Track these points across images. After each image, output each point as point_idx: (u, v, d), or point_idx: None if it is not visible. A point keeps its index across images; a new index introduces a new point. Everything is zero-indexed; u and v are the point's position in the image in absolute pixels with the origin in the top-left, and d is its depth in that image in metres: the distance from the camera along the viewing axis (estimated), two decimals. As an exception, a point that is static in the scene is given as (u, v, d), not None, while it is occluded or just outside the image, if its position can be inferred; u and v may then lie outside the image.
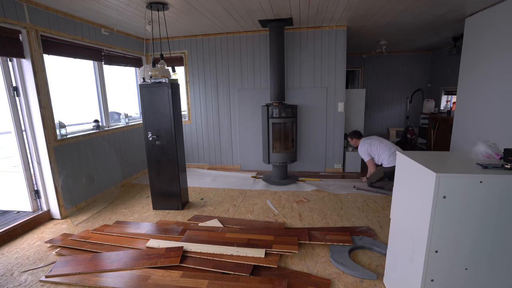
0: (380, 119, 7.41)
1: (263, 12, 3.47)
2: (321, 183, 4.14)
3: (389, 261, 1.91)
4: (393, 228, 1.84)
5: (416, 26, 4.28)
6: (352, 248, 2.37)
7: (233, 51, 4.66)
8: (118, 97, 4.52)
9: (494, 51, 3.27)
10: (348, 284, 1.97)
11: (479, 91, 3.54)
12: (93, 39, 3.65)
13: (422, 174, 1.40)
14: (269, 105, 4.10)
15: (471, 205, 1.30)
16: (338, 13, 3.59)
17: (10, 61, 2.82)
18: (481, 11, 3.49)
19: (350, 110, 5.03)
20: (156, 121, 3.17)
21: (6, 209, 3.22)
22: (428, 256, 1.37)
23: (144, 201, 3.65)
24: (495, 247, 1.33)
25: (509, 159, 1.34)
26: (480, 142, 1.55)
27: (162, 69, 3.15)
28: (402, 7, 3.34)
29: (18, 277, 2.15)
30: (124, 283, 2.01)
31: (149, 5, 3.02)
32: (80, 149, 3.47)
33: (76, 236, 2.69)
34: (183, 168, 3.42)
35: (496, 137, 3.15)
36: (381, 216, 3.03)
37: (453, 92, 6.01)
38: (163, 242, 2.49)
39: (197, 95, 4.96)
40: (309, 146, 4.70)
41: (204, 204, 3.52)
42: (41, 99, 2.92)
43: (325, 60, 4.41)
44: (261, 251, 2.28)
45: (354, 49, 6.55)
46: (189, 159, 5.19)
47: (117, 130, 4.20)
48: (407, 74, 7.06)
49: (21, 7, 2.72)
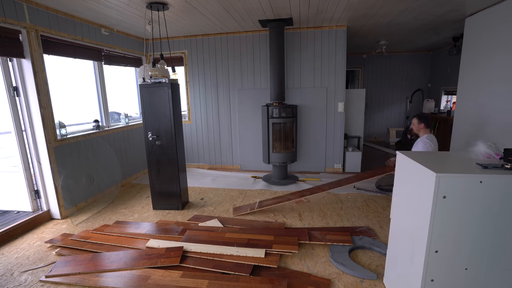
0: (380, 119, 7.41)
1: (263, 12, 3.47)
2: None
3: (389, 261, 1.91)
4: (393, 228, 1.84)
5: (416, 26, 4.28)
6: (352, 248, 2.37)
7: (233, 51, 4.66)
8: (118, 97, 4.52)
9: (494, 51, 3.27)
10: (348, 284, 1.97)
11: (479, 91, 3.54)
12: (93, 39, 3.65)
13: (422, 174, 1.40)
14: (269, 105, 4.10)
15: (471, 205, 1.30)
16: (338, 13, 3.59)
17: (10, 61, 2.82)
18: (481, 11, 3.49)
19: (350, 110, 5.03)
20: (156, 121, 3.17)
21: (6, 209, 3.22)
22: (428, 256, 1.37)
23: (144, 201, 3.65)
24: (495, 247, 1.33)
25: (509, 159, 1.34)
26: (480, 142, 1.55)
27: (162, 69, 3.15)
28: (402, 7, 3.35)
29: (18, 277, 2.15)
30: (124, 283, 2.01)
31: (149, 5, 3.02)
32: (80, 149, 3.47)
33: (76, 236, 2.69)
34: (183, 168, 3.42)
35: (496, 137, 3.15)
36: (381, 216, 3.03)
37: (453, 92, 6.01)
38: (163, 242, 2.49)
39: (197, 95, 4.96)
40: (309, 146, 4.70)
41: (204, 204, 3.52)
42: (41, 99, 2.92)
43: (325, 60, 4.41)
44: (261, 251, 2.28)
45: (354, 49, 6.55)
46: (189, 159, 5.19)
47: (117, 130, 4.20)
48: (407, 74, 7.06)
49: (21, 7, 2.72)
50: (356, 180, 3.28)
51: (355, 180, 3.29)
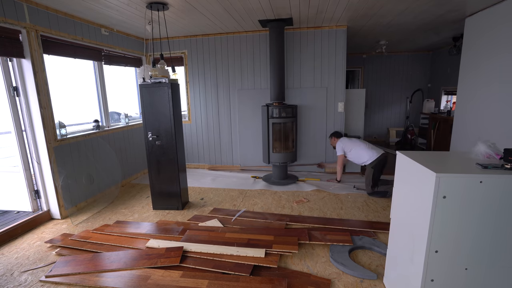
0: (380, 119, 7.41)
1: (263, 12, 3.47)
2: (321, 183, 4.14)
3: (389, 261, 1.91)
4: (393, 228, 1.84)
5: (416, 26, 4.28)
6: (352, 248, 2.37)
7: (233, 51, 4.66)
8: (118, 97, 4.52)
9: (494, 51, 3.27)
10: (348, 284, 1.97)
11: (479, 91, 3.54)
12: (93, 39, 3.65)
13: (422, 174, 1.40)
14: (269, 105, 4.10)
15: (471, 205, 1.30)
16: (338, 13, 3.59)
17: (10, 61, 2.82)
18: (481, 11, 3.49)
19: (350, 110, 5.02)
20: (156, 121, 3.17)
21: (6, 209, 3.22)
22: (428, 256, 1.37)
23: (144, 201, 3.65)
24: (495, 247, 1.33)
25: (509, 159, 1.34)
26: (480, 142, 1.55)
27: (162, 69, 3.15)
28: (402, 7, 3.34)
29: (18, 277, 2.15)
30: (124, 283, 2.01)
31: (149, 5, 3.02)
32: (80, 149, 3.47)
33: (76, 236, 2.69)
34: (183, 168, 3.42)
35: (496, 137, 3.15)
36: (381, 216, 3.03)
37: (453, 92, 6.01)
38: (163, 242, 2.49)
39: (197, 95, 4.96)
40: (309, 146, 4.70)
41: (204, 204, 3.52)
42: (41, 99, 2.92)
43: (325, 60, 4.41)
44: (261, 251, 2.28)
45: (354, 49, 6.55)
46: (189, 159, 5.19)
47: (117, 130, 4.20)
48: (407, 74, 7.06)
49: (21, 7, 2.72)
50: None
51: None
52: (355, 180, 4.27)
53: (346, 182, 4.18)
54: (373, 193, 3.62)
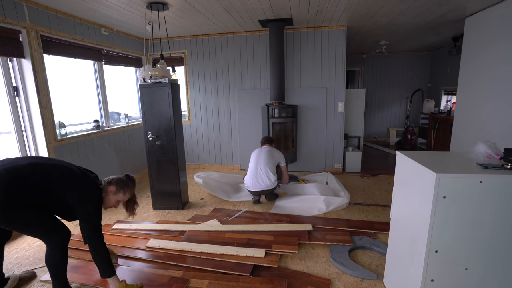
0: (380, 119, 7.41)
1: (263, 12, 3.47)
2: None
3: (389, 261, 1.91)
4: (393, 228, 1.84)
5: (416, 26, 4.28)
6: (352, 248, 2.37)
7: (233, 51, 4.66)
8: (118, 97, 4.52)
9: (494, 51, 3.27)
10: (348, 284, 1.97)
11: (479, 91, 3.54)
12: (93, 39, 3.65)
13: (422, 174, 1.40)
14: (269, 105, 4.10)
15: (471, 205, 1.30)
16: (338, 13, 3.59)
17: (10, 61, 2.81)
18: (481, 11, 3.49)
19: (350, 110, 5.03)
20: (156, 121, 3.17)
21: (6, 209, 3.21)
22: (428, 256, 1.37)
23: (144, 201, 3.65)
24: (495, 247, 1.33)
25: (509, 159, 1.33)
26: (480, 142, 1.55)
27: (162, 69, 3.15)
28: (402, 7, 3.35)
29: (18, 277, 2.15)
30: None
31: (149, 5, 3.02)
32: (80, 149, 3.47)
33: (76, 236, 2.68)
34: (183, 168, 3.42)
35: (496, 137, 3.15)
36: (381, 216, 3.03)
37: (453, 92, 6.01)
38: (164, 242, 2.49)
39: (197, 95, 4.96)
40: (309, 146, 4.70)
41: (204, 204, 3.52)
42: (41, 99, 2.92)
43: (325, 60, 4.41)
44: (261, 251, 2.28)
45: (354, 49, 6.55)
46: (189, 159, 5.19)
47: (117, 130, 4.20)
48: (407, 74, 7.06)
49: (21, 7, 2.72)
50: (347, 226, 2.77)
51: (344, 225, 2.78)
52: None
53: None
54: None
